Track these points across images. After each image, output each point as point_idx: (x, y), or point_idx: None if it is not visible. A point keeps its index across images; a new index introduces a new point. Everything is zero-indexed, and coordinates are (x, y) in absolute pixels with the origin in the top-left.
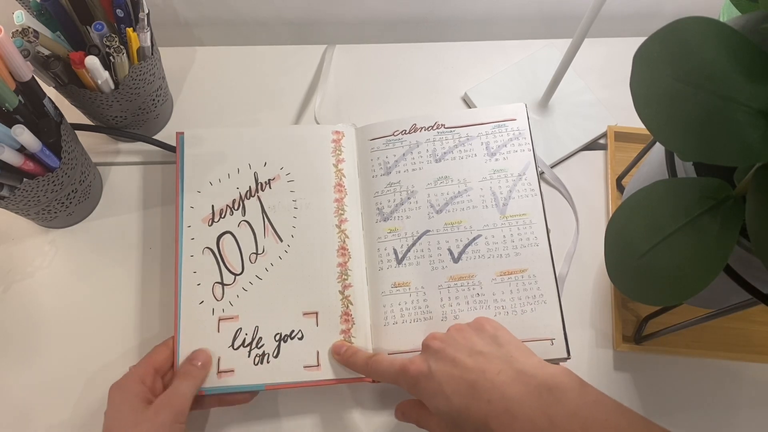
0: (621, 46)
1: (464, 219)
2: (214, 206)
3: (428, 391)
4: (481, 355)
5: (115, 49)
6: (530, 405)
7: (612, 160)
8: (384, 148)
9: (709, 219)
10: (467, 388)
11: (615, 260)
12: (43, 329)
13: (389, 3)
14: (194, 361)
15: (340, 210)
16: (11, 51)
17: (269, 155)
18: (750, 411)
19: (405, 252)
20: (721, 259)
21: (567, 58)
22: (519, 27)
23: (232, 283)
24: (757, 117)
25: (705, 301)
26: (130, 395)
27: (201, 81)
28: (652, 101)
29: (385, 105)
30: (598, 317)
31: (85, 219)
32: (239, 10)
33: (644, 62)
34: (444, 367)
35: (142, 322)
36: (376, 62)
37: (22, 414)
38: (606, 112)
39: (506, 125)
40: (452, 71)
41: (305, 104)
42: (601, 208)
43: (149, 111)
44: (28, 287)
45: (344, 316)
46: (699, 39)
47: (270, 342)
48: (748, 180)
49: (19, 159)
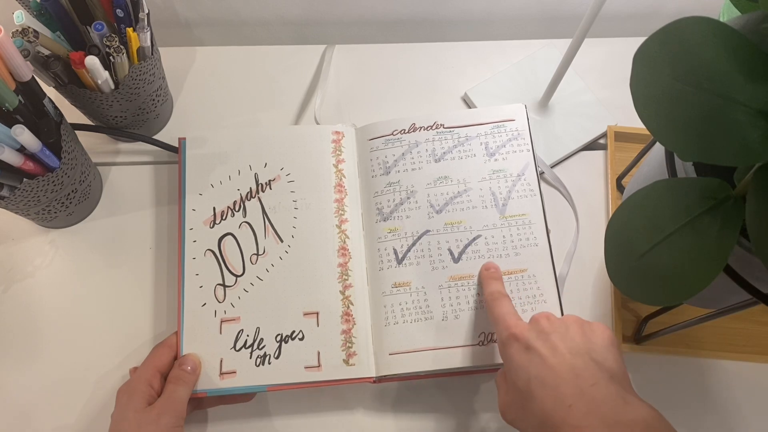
0: (621, 46)
1: (464, 219)
2: (216, 208)
3: (516, 360)
4: (579, 355)
5: (115, 49)
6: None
7: (612, 160)
8: (383, 148)
9: (709, 219)
10: (553, 381)
11: (615, 260)
12: (43, 329)
13: (389, 3)
14: (184, 366)
15: (340, 210)
16: (11, 51)
17: (269, 156)
18: (750, 411)
19: (405, 252)
20: (721, 259)
21: (567, 58)
22: (519, 27)
23: (233, 284)
24: (757, 117)
25: (705, 301)
26: (137, 397)
27: (201, 81)
28: (652, 101)
29: (385, 105)
30: (598, 317)
31: (85, 219)
32: (239, 10)
33: (644, 62)
34: (542, 348)
35: (141, 322)
36: (376, 62)
37: (22, 414)
38: (606, 112)
39: (505, 125)
40: (452, 71)
41: (305, 104)
42: (601, 208)
43: (149, 111)
44: (28, 287)
45: (345, 317)
46: (699, 39)
47: (271, 343)
48: (748, 180)
49: (19, 159)
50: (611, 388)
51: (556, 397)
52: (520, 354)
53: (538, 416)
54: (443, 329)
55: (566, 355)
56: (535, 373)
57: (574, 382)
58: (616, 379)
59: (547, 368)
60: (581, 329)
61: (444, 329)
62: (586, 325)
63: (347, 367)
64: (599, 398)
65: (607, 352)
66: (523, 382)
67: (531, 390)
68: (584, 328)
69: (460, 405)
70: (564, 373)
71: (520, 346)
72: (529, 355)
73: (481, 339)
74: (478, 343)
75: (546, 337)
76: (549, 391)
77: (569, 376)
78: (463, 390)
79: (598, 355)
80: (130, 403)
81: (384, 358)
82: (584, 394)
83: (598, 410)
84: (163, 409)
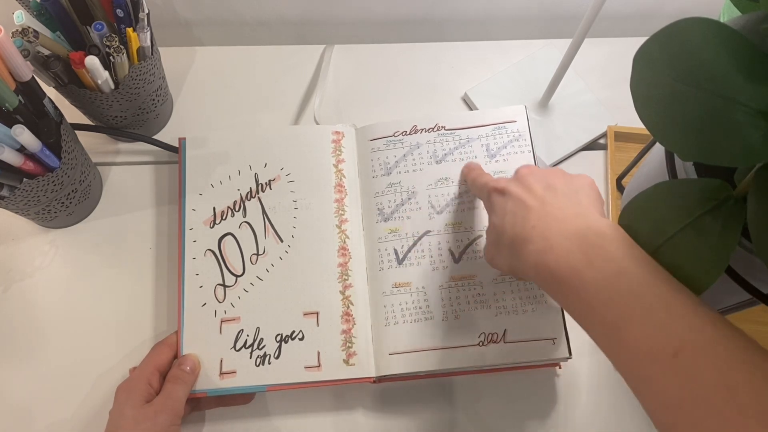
0: (621, 46)
1: (464, 220)
2: (216, 208)
3: (495, 205)
4: (552, 189)
5: (115, 49)
6: (572, 241)
7: (612, 160)
8: (384, 149)
9: (710, 220)
10: (521, 210)
11: None
12: (43, 329)
13: (389, 3)
14: (183, 366)
15: (340, 210)
16: (11, 51)
17: (269, 156)
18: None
19: (406, 252)
20: (723, 259)
21: (567, 58)
22: (519, 27)
23: (233, 284)
24: (757, 117)
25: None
26: (136, 395)
27: (201, 81)
28: (652, 101)
29: (385, 105)
30: None
31: (85, 219)
32: (239, 10)
33: (644, 63)
34: (517, 189)
35: (141, 322)
36: (376, 62)
37: (22, 414)
38: (606, 112)
39: (506, 127)
40: (452, 71)
41: (305, 104)
42: None
43: (149, 111)
44: (28, 287)
45: (345, 317)
46: (699, 39)
47: (271, 343)
48: (749, 180)
49: (19, 159)
50: (576, 209)
51: (523, 223)
52: (498, 198)
53: (507, 244)
54: (443, 329)
55: (539, 191)
56: (509, 209)
57: (541, 208)
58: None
59: (519, 202)
60: (562, 175)
61: (444, 329)
62: (567, 174)
63: (347, 367)
64: (561, 216)
65: (582, 192)
66: (499, 219)
67: (504, 223)
68: (565, 175)
69: (460, 405)
70: (533, 203)
71: (499, 193)
72: (506, 197)
73: (481, 339)
74: (478, 344)
75: (523, 179)
76: (519, 219)
77: (537, 205)
78: (463, 390)
79: (572, 192)
80: (128, 400)
81: (384, 358)
82: (548, 215)
83: (558, 224)
84: (161, 407)
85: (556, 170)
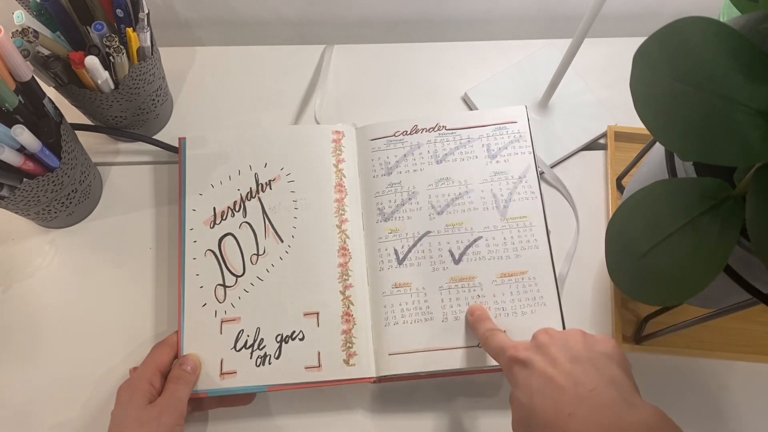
0: (621, 46)
1: (465, 221)
2: (216, 208)
3: (518, 378)
4: (578, 362)
5: (115, 49)
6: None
7: (612, 160)
8: (385, 149)
9: (710, 219)
10: (551, 391)
11: (616, 260)
12: (43, 329)
13: (389, 3)
14: (184, 366)
15: (340, 210)
16: (11, 51)
17: (269, 156)
18: (750, 411)
19: (406, 252)
20: (721, 259)
21: (567, 58)
22: (519, 27)
23: (233, 284)
24: (757, 117)
25: (705, 301)
26: (138, 395)
27: (201, 81)
28: (652, 101)
29: (385, 105)
30: (598, 317)
31: (85, 219)
32: (239, 10)
33: (644, 62)
34: (541, 361)
35: (141, 322)
36: (376, 62)
37: (23, 414)
38: (606, 112)
39: (507, 127)
40: (452, 71)
41: (305, 104)
42: (601, 208)
43: (149, 111)
44: (28, 287)
45: (345, 317)
46: (699, 39)
47: (271, 343)
48: (748, 180)
49: (19, 159)
50: (611, 392)
51: (557, 407)
52: (521, 371)
53: (540, 427)
54: (443, 330)
55: (565, 364)
56: (536, 387)
57: (574, 390)
58: (618, 383)
59: (547, 379)
60: (583, 339)
61: (444, 330)
62: (588, 336)
63: (347, 367)
64: (598, 403)
65: (608, 360)
66: (527, 397)
67: (533, 404)
68: (586, 339)
69: (460, 405)
70: (563, 381)
71: (521, 365)
72: (529, 370)
73: None
74: (478, 344)
75: (545, 350)
76: (549, 401)
77: (568, 384)
78: (463, 390)
79: (599, 362)
80: (131, 400)
81: (384, 358)
82: (583, 401)
83: (597, 415)
84: (164, 407)
85: (575, 333)
